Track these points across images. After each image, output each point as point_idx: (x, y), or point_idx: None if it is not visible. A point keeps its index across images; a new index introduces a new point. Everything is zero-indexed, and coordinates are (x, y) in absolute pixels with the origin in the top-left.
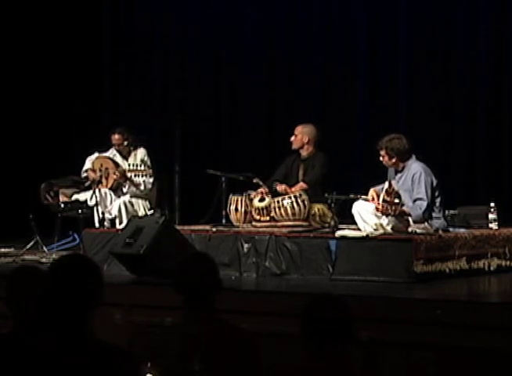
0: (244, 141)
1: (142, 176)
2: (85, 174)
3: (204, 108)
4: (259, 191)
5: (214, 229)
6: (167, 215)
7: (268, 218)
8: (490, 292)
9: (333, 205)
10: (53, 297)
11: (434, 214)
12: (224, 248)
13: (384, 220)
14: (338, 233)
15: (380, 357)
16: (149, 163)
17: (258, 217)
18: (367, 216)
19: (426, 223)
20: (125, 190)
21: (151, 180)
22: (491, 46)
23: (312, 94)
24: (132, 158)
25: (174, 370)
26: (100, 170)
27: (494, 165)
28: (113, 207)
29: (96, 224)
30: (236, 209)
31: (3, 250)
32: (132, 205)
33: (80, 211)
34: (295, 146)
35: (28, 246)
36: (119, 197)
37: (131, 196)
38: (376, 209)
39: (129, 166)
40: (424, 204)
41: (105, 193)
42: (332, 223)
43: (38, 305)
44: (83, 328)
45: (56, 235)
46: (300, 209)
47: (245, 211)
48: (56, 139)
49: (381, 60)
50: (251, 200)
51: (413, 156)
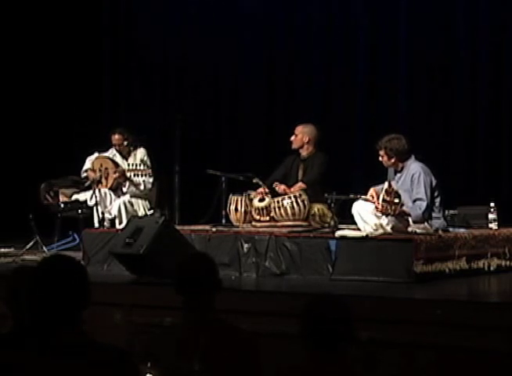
0: (244, 141)
1: (142, 176)
2: (85, 174)
3: (204, 108)
4: (259, 191)
5: (214, 229)
6: (167, 215)
7: (268, 218)
8: (490, 292)
9: (333, 205)
10: (37, 298)
11: (434, 214)
12: (224, 248)
13: (384, 220)
14: (338, 233)
15: (380, 357)
16: (148, 163)
17: (258, 217)
18: (367, 216)
19: (426, 223)
20: (125, 190)
21: (151, 180)
22: (491, 46)
23: (312, 94)
24: (132, 158)
25: (174, 370)
26: (100, 170)
27: (494, 165)
28: (112, 207)
29: (96, 224)
30: (236, 209)
31: (3, 250)
32: (132, 205)
33: (80, 211)
34: (295, 146)
35: (28, 246)
36: (119, 197)
37: (131, 196)
38: (375, 209)
39: (129, 166)
40: (424, 204)
41: (105, 193)
42: (332, 223)
43: (26, 306)
44: (75, 329)
45: (56, 235)
46: (300, 209)
47: (245, 211)
48: (56, 139)
49: (381, 60)
50: (251, 200)
51: (413, 156)
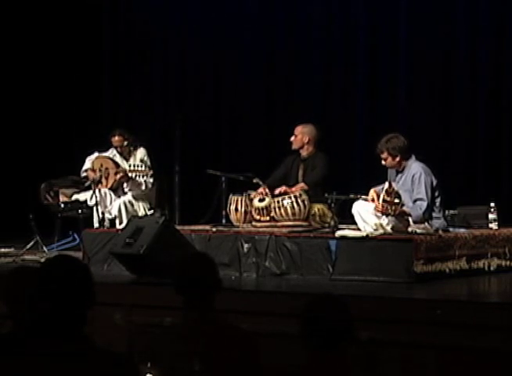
0: (244, 141)
1: (143, 176)
2: (85, 174)
3: (204, 108)
4: (259, 191)
5: (214, 229)
6: (167, 215)
7: (268, 218)
8: (490, 292)
9: (333, 205)
10: (41, 299)
11: (434, 214)
12: (224, 248)
13: (384, 220)
14: (338, 233)
15: (380, 357)
16: (149, 163)
17: (258, 217)
18: (367, 216)
19: (426, 223)
20: (126, 190)
21: (151, 180)
22: (491, 46)
23: (312, 94)
24: (133, 158)
25: (174, 370)
26: (100, 170)
27: (494, 165)
28: (113, 207)
29: (96, 224)
30: (236, 209)
31: (3, 250)
32: (132, 205)
33: (80, 211)
34: (295, 146)
35: (28, 246)
36: (119, 197)
37: (133, 196)
38: (376, 209)
39: (129, 166)
40: (424, 205)
41: (105, 193)
42: (332, 223)
43: (28, 308)
44: (77, 330)
45: (56, 235)
46: (300, 209)
47: (245, 211)
48: (56, 139)
49: (381, 60)
50: (251, 200)
51: (413, 156)
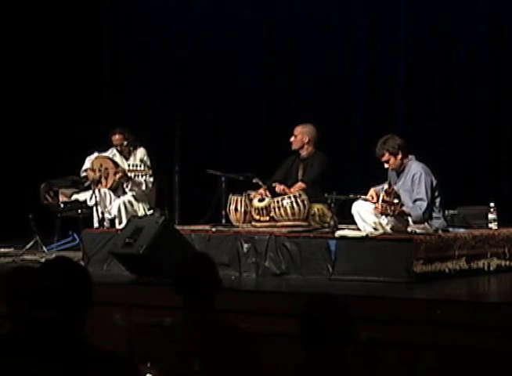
0: (244, 141)
1: (143, 176)
2: (84, 173)
3: (204, 108)
4: (259, 191)
5: (213, 229)
6: (166, 215)
7: (267, 218)
8: (490, 292)
9: (332, 205)
10: (40, 300)
11: (434, 214)
12: (224, 248)
13: (384, 220)
14: (338, 233)
15: (380, 357)
16: (148, 163)
17: (258, 217)
18: (367, 216)
19: (426, 223)
20: (127, 190)
21: (151, 180)
22: (491, 46)
23: (312, 94)
24: (132, 158)
25: (174, 370)
26: (100, 170)
27: (494, 165)
28: (112, 207)
29: (96, 224)
30: (236, 209)
31: (3, 250)
32: (132, 205)
33: (79, 211)
34: (295, 147)
35: (28, 246)
36: (119, 197)
37: (133, 196)
38: (375, 209)
39: (129, 166)
40: (424, 205)
41: (104, 193)
42: (331, 223)
43: (28, 308)
44: (76, 332)
45: (56, 235)
46: (299, 209)
47: (245, 211)
48: (56, 139)
49: (381, 60)
50: (251, 200)
51: (413, 156)
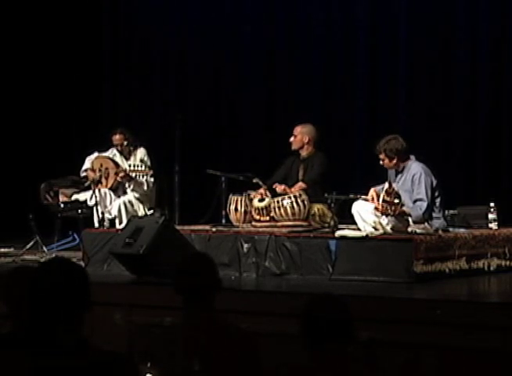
0: (244, 141)
1: (143, 176)
2: (84, 173)
3: (204, 108)
4: (259, 191)
5: (213, 229)
6: (166, 215)
7: (267, 218)
8: (490, 292)
9: (332, 205)
10: (38, 301)
11: (434, 214)
12: (224, 248)
13: (384, 220)
14: (338, 233)
15: (380, 357)
16: (148, 163)
17: (258, 217)
18: (367, 216)
19: (426, 223)
20: (129, 190)
21: (152, 180)
22: (491, 46)
23: (312, 94)
24: (132, 158)
25: (174, 370)
26: (100, 170)
27: (494, 165)
28: (112, 207)
29: (96, 224)
30: (236, 209)
31: (3, 250)
32: (132, 205)
33: (79, 211)
34: (295, 147)
35: (28, 246)
36: (119, 197)
37: (136, 197)
38: (375, 209)
39: (129, 166)
40: (424, 205)
41: (104, 193)
42: (332, 223)
43: (27, 309)
44: (75, 333)
45: (56, 235)
46: (300, 209)
47: (245, 211)
48: (56, 139)
49: (381, 60)
50: (251, 200)
51: (413, 156)
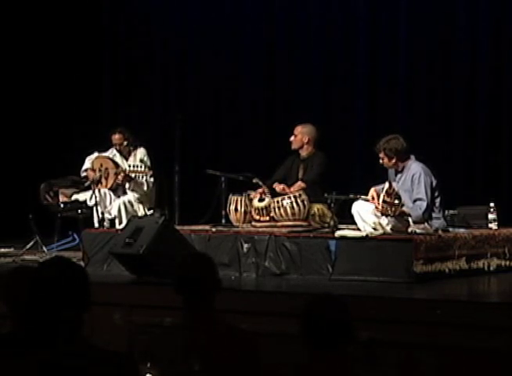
0: (244, 141)
1: (143, 176)
2: (85, 173)
3: (204, 108)
4: (259, 191)
5: (213, 229)
6: (166, 215)
7: (267, 218)
8: (490, 292)
9: (332, 205)
10: (37, 300)
11: (434, 214)
12: (224, 248)
13: (384, 220)
14: (338, 233)
15: (380, 357)
16: (148, 163)
17: (258, 217)
18: (367, 216)
19: (426, 223)
20: (129, 190)
21: (152, 180)
22: (491, 46)
23: (312, 94)
24: (132, 158)
25: (174, 370)
26: (100, 170)
27: (494, 165)
28: (112, 207)
29: (96, 224)
30: (236, 209)
31: (3, 250)
32: (132, 205)
33: (79, 211)
34: (295, 147)
35: (28, 246)
36: (119, 197)
37: (135, 197)
38: (375, 209)
39: (129, 166)
40: (424, 205)
41: (104, 194)
42: (331, 223)
43: (26, 308)
44: (74, 332)
45: (56, 235)
46: (299, 209)
47: (245, 211)
48: (56, 139)
49: (381, 60)
50: (251, 200)
51: (413, 156)
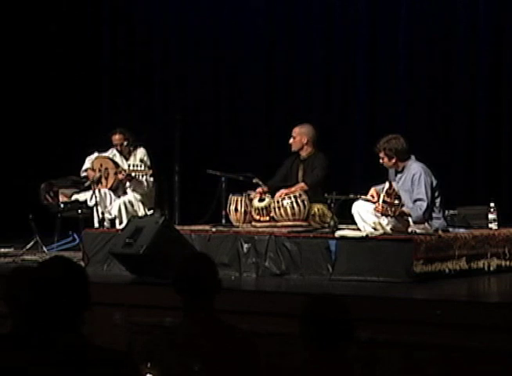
0: (244, 141)
1: (143, 176)
2: (85, 173)
3: (204, 108)
4: (258, 191)
5: (213, 229)
6: (167, 215)
7: (267, 218)
8: (490, 292)
9: (332, 205)
10: (37, 300)
11: (434, 214)
12: (224, 248)
13: (384, 220)
14: (338, 233)
15: (380, 357)
16: (148, 163)
17: (258, 217)
18: (367, 216)
19: (426, 224)
20: (129, 190)
21: (151, 180)
22: (491, 46)
23: (312, 94)
24: (132, 158)
25: (174, 370)
26: (100, 170)
27: (494, 165)
28: (112, 207)
29: (96, 224)
30: (236, 209)
31: (3, 250)
32: (132, 205)
33: (80, 211)
34: (295, 148)
35: (28, 246)
36: (119, 197)
37: (136, 197)
38: (375, 209)
39: (129, 166)
40: (424, 205)
41: (104, 194)
42: (332, 223)
43: (26, 308)
44: (74, 331)
45: (56, 235)
46: (299, 209)
47: (245, 211)
48: (57, 139)
49: (381, 60)
50: (251, 200)
51: (413, 156)
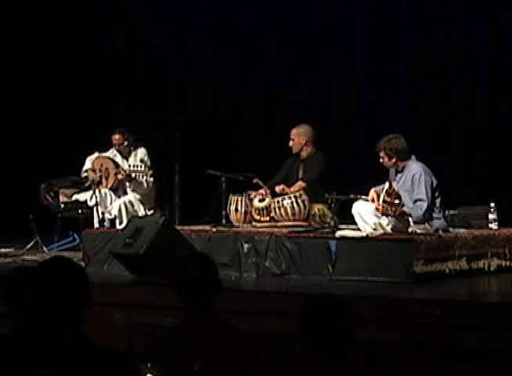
0: (244, 141)
1: (143, 176)
2: (85, 174)
3: (204, 108)
4: (260, 192)
5: (214, 229)
6: (167, 215)
7: (268, 218)
8: (490, 292)
9: (333, 205)
10: (37, 300)
11: (435, 214)
12: (224, 248)
13: (384, 220)
14: (338, 233)
15: (380, 357)
16: (149, 163)
17: (258, 217)
18: (367, 216)
19: (426, 224)
20: (129, 190)
21: (152, 180)
22: (491, 46)
23: (312, 94)
24: (132, 158)
25: (174, 370)
26: (100, 170)
27: (494, 165)
28: (113, 207)
29: (96, 224)
30: (236, 209)
31: (3, 250)
32: (132, 205)
33: (80, 212)
34: (295, 150)
35: (28, 246)
36: (119, 197)
37: (136, 197)
38: (376, 210)
39: (129, 166)
40: (425, 205)
41: (105, 194)
42: (332, 223)
43: (26, 308)
44: (74, 331)
45: (56, 235)
46: (300, 209)
47: (245, 212)
48: (56, 139)
49: (381, 61)
50: (251, 200)
51: (413, 156)
